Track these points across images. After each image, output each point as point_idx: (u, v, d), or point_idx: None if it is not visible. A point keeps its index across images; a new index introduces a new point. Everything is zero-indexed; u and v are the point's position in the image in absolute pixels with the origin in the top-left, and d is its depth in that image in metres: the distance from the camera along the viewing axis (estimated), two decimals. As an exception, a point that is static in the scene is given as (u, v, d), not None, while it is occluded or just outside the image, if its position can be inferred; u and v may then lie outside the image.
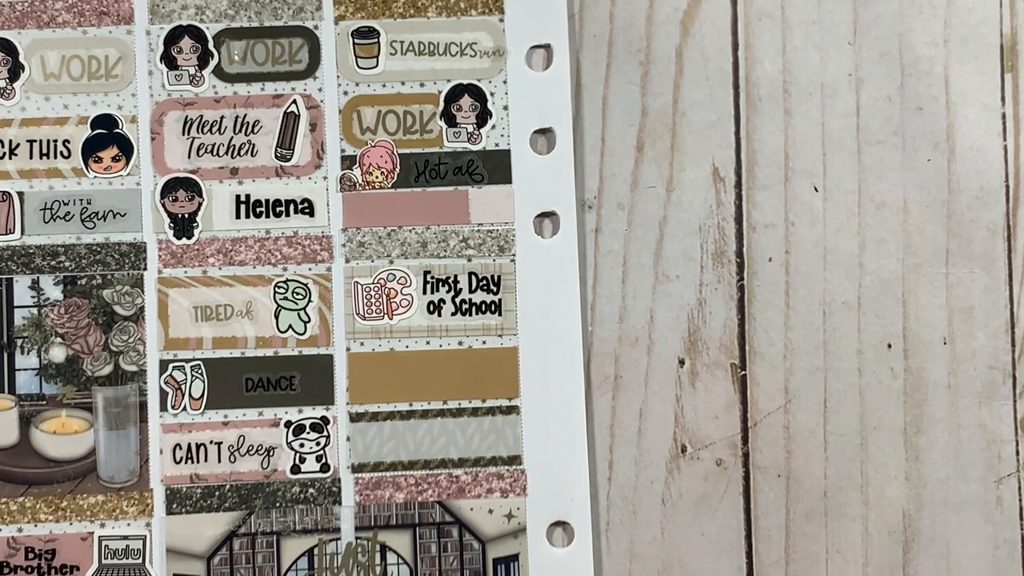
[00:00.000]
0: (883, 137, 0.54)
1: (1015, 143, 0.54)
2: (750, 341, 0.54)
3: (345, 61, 0.53)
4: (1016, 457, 0.54)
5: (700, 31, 0.54)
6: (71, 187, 0.53)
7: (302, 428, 0.53)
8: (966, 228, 0.54)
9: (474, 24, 0.53)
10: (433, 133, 0.53)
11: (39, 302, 0.53)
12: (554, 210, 0.53)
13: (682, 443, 0.53)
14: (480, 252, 0.53)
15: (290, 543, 0.53)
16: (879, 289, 0.54)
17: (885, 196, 0.54)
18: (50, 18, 0.53)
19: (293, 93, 0.53)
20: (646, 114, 0.54)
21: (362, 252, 0.53)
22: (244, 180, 0.53)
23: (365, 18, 0.53)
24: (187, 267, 0.53)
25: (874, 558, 0.54)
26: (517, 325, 0.53)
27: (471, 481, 0.53)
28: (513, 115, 0.53)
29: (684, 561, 0.53)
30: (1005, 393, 0.53)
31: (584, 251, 0.54)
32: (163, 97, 0.53)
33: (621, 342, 0.53)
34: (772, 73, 0.54)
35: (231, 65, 0.53)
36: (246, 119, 0.53)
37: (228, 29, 0.53)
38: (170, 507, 0.52)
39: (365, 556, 0.53)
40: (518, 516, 0.53)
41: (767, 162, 0.54)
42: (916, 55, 0.54)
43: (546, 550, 0.53)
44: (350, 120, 0.53)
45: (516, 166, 0.53)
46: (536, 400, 0.53)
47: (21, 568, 0.52)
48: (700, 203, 0.54)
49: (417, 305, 0.53)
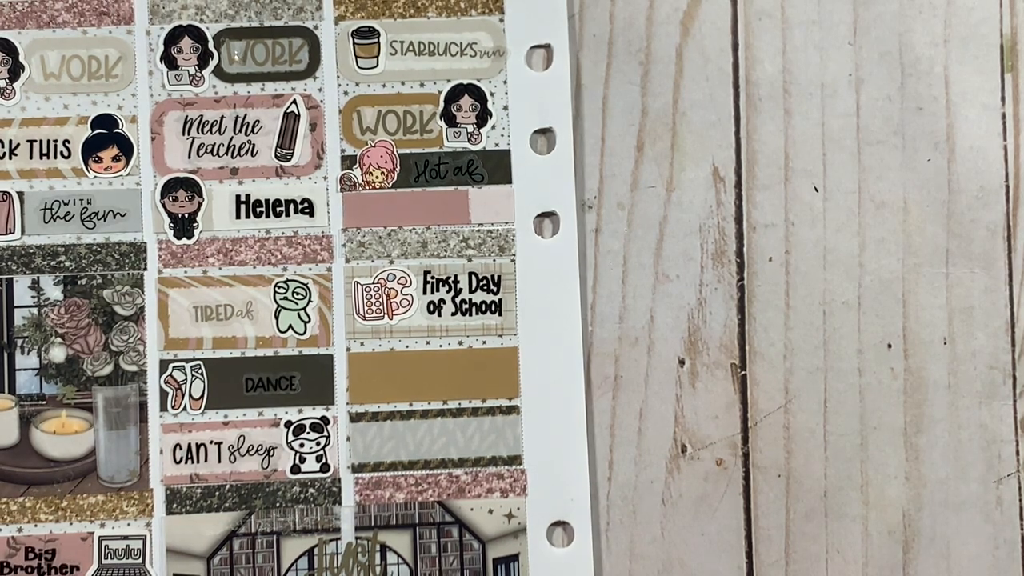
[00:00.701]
0: (883, 137, 0.54)
1: (1015, 143, 0.54)
2: (750, 341, 0.54)
3: (345, 61, 0.53)
4: (1016, 457, 0.54)
5: (700, 31, 0.54)
6: (71, 187, 0.53)
7: (302, 428, 0.53)
8: (966, 228, 0.54)
9: (474, 24, 0.53)
10: (433, 133, 0.53)
11: (39, 302, 0.53)
12: (554, 210, 0.53)
13: (682, 443, 0.53)
14: (480, 252, 0.53)
15: (290, 543, 0.53)
16: (879, 289, 0.54)
17: (885, 196, 0.54)
18: (50, 18, 0.53)
19: (293, 93, 0.53)
20: (646, 114, 0.54)
21: (362, 252, 0.53)
22: (244, 180, 0.53)
23: (365, 18, 0.53)
24: (187, 267, 0.53)
25: (874, 558, 0.54)
26: (517, 325, 0.53)
27: (471, 481, 0.53)
28: (513, 115, 0.53)
29: (684, 561, 0.53)
30: (1005, 393, 0.53)
31: (584, 251, 0.54)
32: (163, 97, 0.53)
33: (621, 342, 0.53)
34: (772, 73, 0.54)
35: (231, 65, 0.53)
36: (246, 119, 0.53)
37: (228, 29, 0.53)
38: (170, 507, 0.52)
39: (365, 556, 0.53)
40: (518, 516, 0.53)
41: (767, 162, 0.54)
42: (916, 55, 0.54)
43: (546, 550, 0.53)
44: (350, 120, 0.53)
45: (516, 166, 0.53)
46: (536, 400, 0.53)
47: (21, 568, 0.52)
48: (700, 203, 0.54)
49: (417, 305, 0.53)
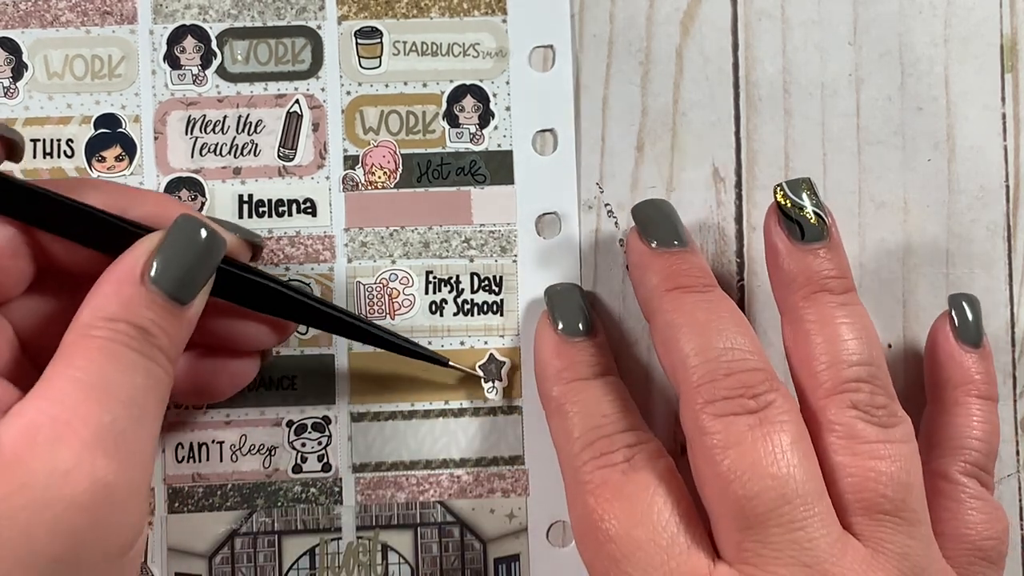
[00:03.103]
0: (883, 137, 0.54)
1: (1015, 143, 0.54)
2: (751, 341, 0.53)
3: (348, 61, 0.53)
4: (1016, 457, 0.54)
5: (700, 31, 0.54)
6: (74, 186, 0.53)
7: (304, 428, 0.53)
8: (966, 228, 0.54)
9: (477, 25, 0.53)
10: (436, 133, 0.53)
11: (42, 301, 0.53)
12: (556, 211, 0.53)
13: (682, 443, 0.53)
14: (482, 252, 0.53)
15: (291, 542, 0.53)
16: (879, 289, 0.54)
17: (885, 196, 0.54)
18: (53, 17, 0.53)
19: (296, 93, 0.53)
20: (646, 114, 0.54)
21: (364, 252, 0.53)
22: (247, 180, 0.53)
23: (368, 18, 0.53)
24: (190, 266, 0.53)
25: (874, 558, 0.54)
26: (519, 325, 0.53)
27: (472, 481, 0.53)
28: (515, 116, 0.53)
29: (685, 561, 0.53)
30: (1005, 393, 0.53)
31: (579, 239, 0.54)
32: (166, 97, 0.53)
33: (621, 342, 0.53)
34: (772, 73, 0.54)
35: (234, 65, 0.53)
36: (249, 119, 0.53)
37: (231, 29, 0.53)
38: (172, 506, 0.52)
39: (366, 555, 0.53)
40: (519, 516, 0.53)
41: (767, 162, 0.54)
42: (916, 55, 0.54)
43: (548, 550, 0.53)
44: (353, 120, 0.53)
45: (518, 167, 0.53)
46: (537, 400, 0.53)
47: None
48: (700, 203, 0.54)
49: (419, 305, 0.53)
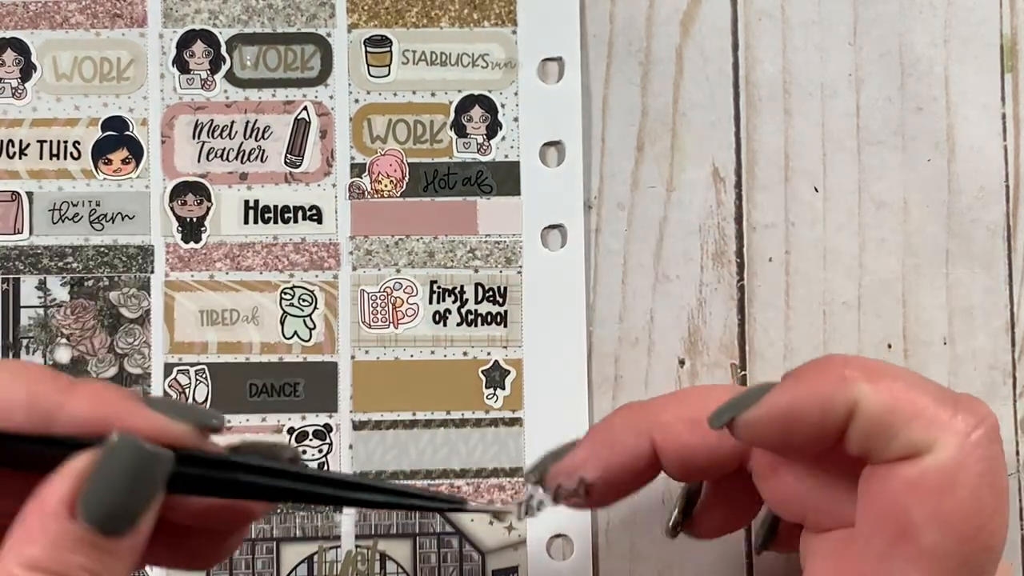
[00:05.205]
0: (883, 137, 0.55)
1: (1015, 143, 0.55)
2: (750, 341, 0.54)
3: (357, 69, 0.54)
4: (1016, 457, 0.54)
5: (700, 31, 0.55)
6: (80, 188, 0.52)
7: (305, 435, 0.53)
8: (966, 228, 0.55)
9: (487, 35, 0.54)
10: (443, 143, 0.54)
11: (45, 303, 0.52)
12: (562, 223, 0.54)
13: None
14: (487, 263, 0.54)
15: (290, 549, 0.52)
16: (879, 289, 0.54)
17: (885, 196, 0.55)
18: (63, 19, 0.53)
19: (304, 100, 0.54)
20: (646, 114, 0.54)
21: (369, 260, 0.53)
22: (253, 185, 0.53)
23: (378, 27, 0.54)
24: (194, 271, 0.53)
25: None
26: (522, 337, 0.54)
27: (472, 492, 0.53)
28: (523, 127, 0.54)
29: (684, 561, 0.53)
30: (1005, 393, 0.54)
31: (584, 251, 0.54)
32: (174, 101, 0.53)
33: (621, 342, 0.54)
34: (772, 73, 0.55)
35: (243, 70, 0.53)
36: (256, 124, 0.53)
37: (241, 34, 0.54)
38: (173, 513, 0.52)
39: (365, 564, 0.52)
40: (518, 528, 0.53)
41: (767, 162, 0.54)
42: (916, 55, 0.55)
43: (546, 562, 0.53)
44: (360, 128, 0.54)
45: (525, 178, 0.54)
46: (539, 412, 0.53)
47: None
48: (700, 203, 0.54)
49: (423, 315, 0.53)
